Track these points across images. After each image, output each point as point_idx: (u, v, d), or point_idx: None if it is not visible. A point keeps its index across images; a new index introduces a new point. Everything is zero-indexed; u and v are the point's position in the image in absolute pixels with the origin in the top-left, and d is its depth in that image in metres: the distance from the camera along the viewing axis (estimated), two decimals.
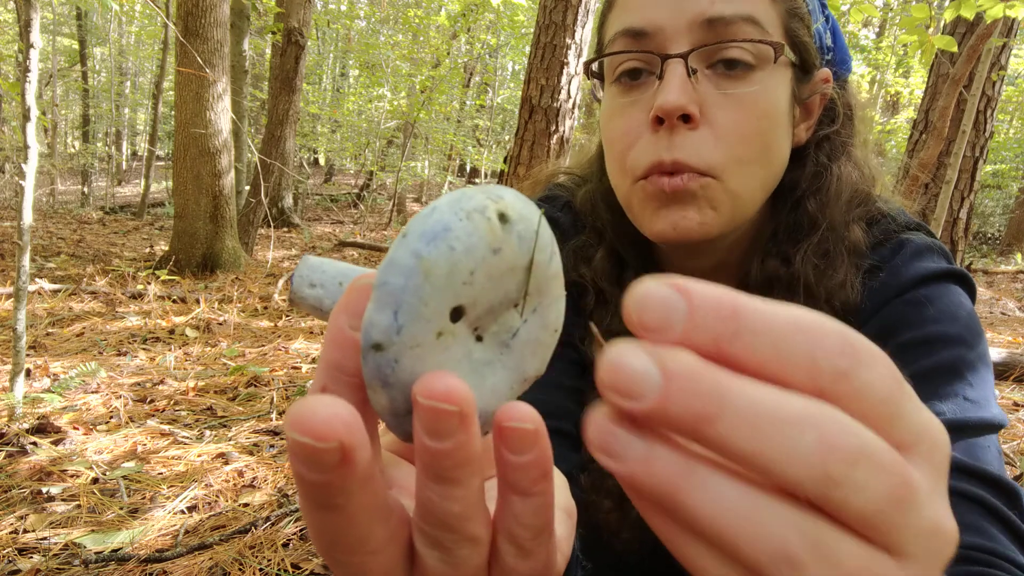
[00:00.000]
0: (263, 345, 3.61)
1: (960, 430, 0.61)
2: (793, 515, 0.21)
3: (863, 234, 0.72)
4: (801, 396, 0.21)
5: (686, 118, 0.63)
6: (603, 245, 0.78)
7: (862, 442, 0.20)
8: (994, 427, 0.63)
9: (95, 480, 1.97)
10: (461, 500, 0.25)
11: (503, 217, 0.25)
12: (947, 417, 0.62)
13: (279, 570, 1.56)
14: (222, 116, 5.48)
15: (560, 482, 0.35)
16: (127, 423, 2.40)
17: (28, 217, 2.29)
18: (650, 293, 0.21)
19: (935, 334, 0.65)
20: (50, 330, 3.68)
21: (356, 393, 0.25)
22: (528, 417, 0.25)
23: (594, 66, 0.73)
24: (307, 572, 1.57)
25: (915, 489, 0.21)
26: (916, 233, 0.73)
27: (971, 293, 0.70)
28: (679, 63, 0.63)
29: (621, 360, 0.20)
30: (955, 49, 2.58)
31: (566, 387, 0.76)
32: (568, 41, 4.56)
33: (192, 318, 4.04)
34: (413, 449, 0.32)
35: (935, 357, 0.64)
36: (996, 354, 3.20)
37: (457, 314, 0.24)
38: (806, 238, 0.71)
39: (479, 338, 0.26)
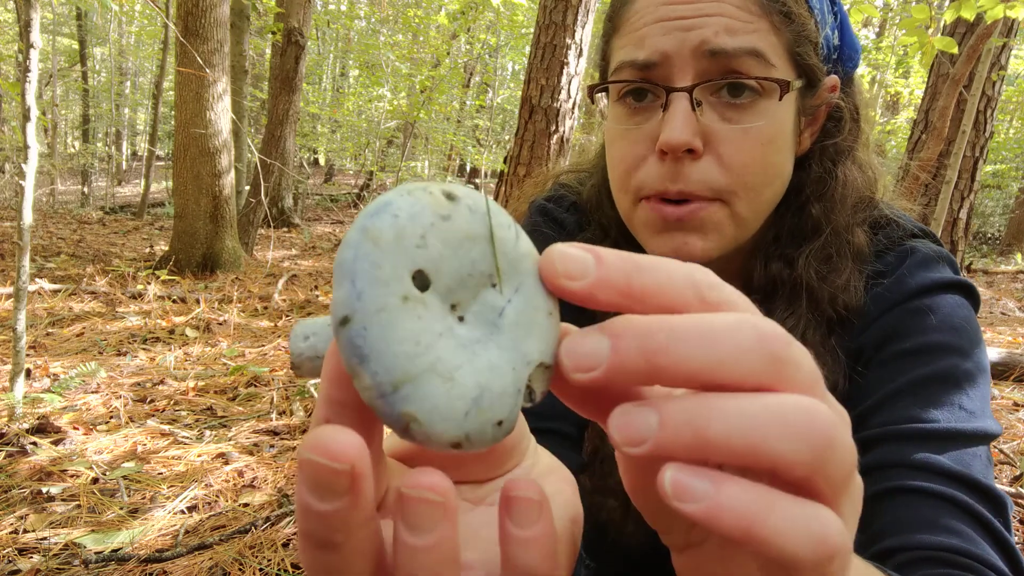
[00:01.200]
0: (263, 345, 3.61)
1: (953, 439, 0.62)
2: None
3: (867, 238, 0.72)
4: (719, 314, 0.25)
5: (690, 151, 0.63)
6: (608, 241, 0.78)
7: (790, 353, 0.24)
8: (987, 438, 0.64)
9: (95, 480, 1.97)
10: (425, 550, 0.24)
11: (448, 195, 0.25)
12: (940, 426, 0.62)
13: (279, 570, 1.56)
14: (222, 116, 5.48)
15: (570, 489, 0.35)
16: (127, 423, 2.40)
17: (28, 217, 2.29)
18: (569, 250, 0.25)
19: (935, 343, 0.65)
20: (50, 330, 3.68)
21: (361, 425, 0.25)
22: (532, 488, 0.26)
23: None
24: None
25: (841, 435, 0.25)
26: (922, 241, 0.73)
27: (975, 304, 0.70)
28: (683, 97, 0.63)
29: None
30: (955, 50, 2.58)
31: None
32: (568, 41, 4.56)
33: (192, 318, 4.04)
34: (416, 452, 0.32)
35: (933, 366, 0.65)
36: (996, 354, 3.20)
37: (421, 280, 0.24)
38: (809, 242, 0.71)
39: (461, 318, 0.26)
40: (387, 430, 0.26)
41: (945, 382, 0.64)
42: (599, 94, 0.73)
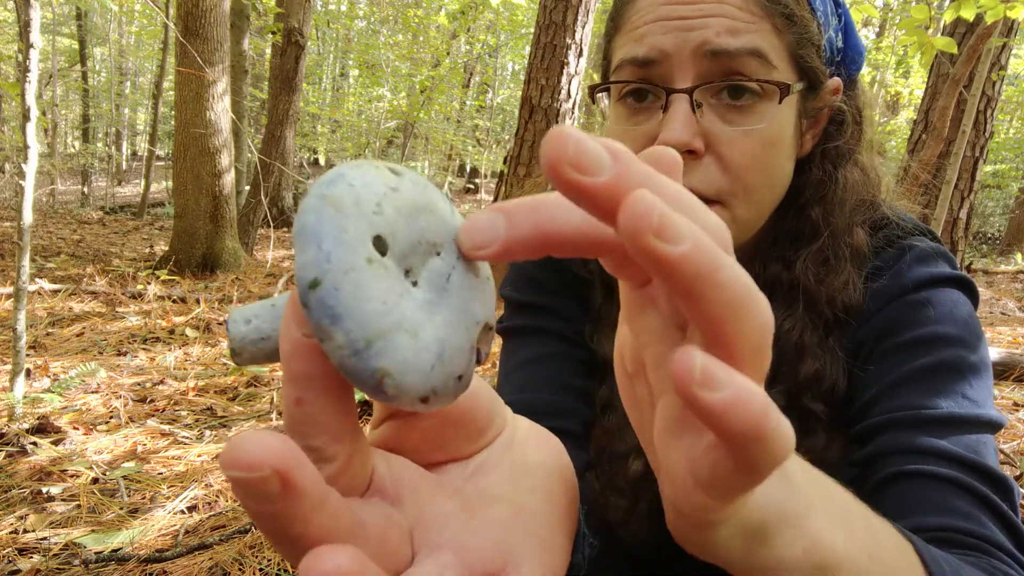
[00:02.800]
0: None
1: (957, 424, 0.62)
2: None
3: (867, 238, 0.72)
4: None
5: (691, 152, 0.63)
6: None
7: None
8: (992, 425, 0.63)
9: (95, 480, 1.97)
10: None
11: (392, 170, 0.27)
12: (944, 411, 0.62)
13: (279, 570, 1.56)
14: (222, 116, 5.48)
15: (555, 450, 0.35)
16: (127, 423, 2.40)
17: (28, 217, 2.29)
18: (476, 223, 0.26)
19: (936, 334, 0.66)
20: (50, 330, 3.68)
21: (332, 395, 0.25)
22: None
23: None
24: None
25: None
26: (922, 238, 0.73)
27: (974, 299, 0.70)
28: (683, 98, 0.63)
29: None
30: (955, 51, 2.59)
31: (574, 387, 0.76)
32: (568, 41, 4.56)
33: (192, 318, 4.04)
34: (400, 439, 0.31)
35: (935, 356, 0.65)
36: (996, 354, 3.20)
37: (380, 245, 0.25)
38: (807, 244, 0.71)
39: (415, 283, 0.27)
40: None
41: (947, 371, 0.64)
42: (600, 94, 0.73)
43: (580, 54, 4.62)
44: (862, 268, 0.71)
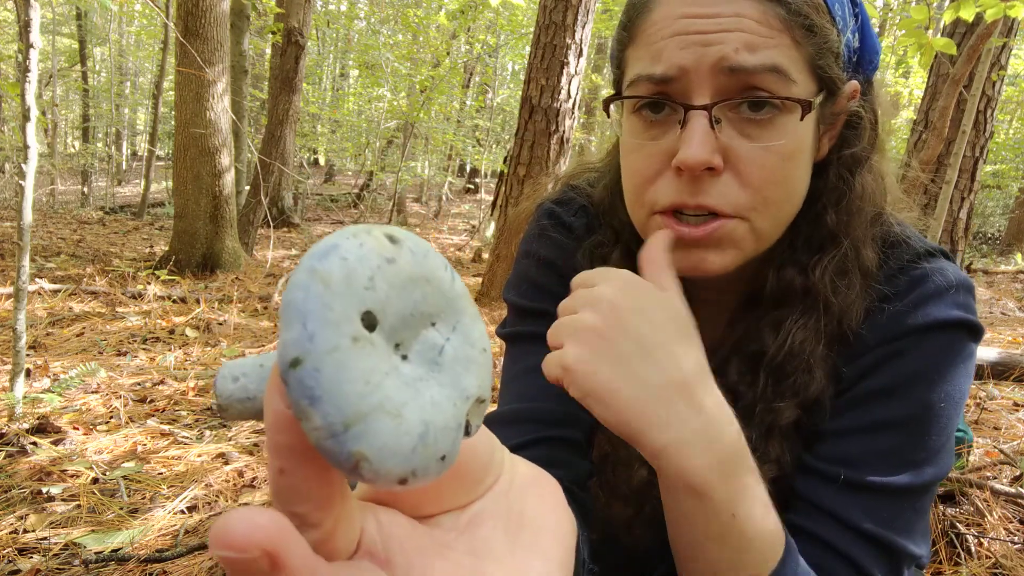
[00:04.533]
0: (263, 345, 3.61)
1: (885, 494, 0.63)
2: None
3: (876, 255, 0.70)
4: None
5: (710, 168, 0.62)
6: (619, 245, 0.77)
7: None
8: (927, 487, 0.64)
9: (95, 480, 1.97)
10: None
11: (391, 238, 0.26)
12: (876, 481, 0.63)
13: None
14: (222, 116, 5.48)
15: (555, 498, 0.34)
16: (127, 423, 2.40)
17: (28, 217, 2.29)
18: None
19: (906, 387, 0.64)
20: (50, 330, 3.68)
21: (315, 465, 0.24)
22: None
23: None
24: None
25: None
26: (936, 261, 0.70)
27: (977, 341, 0.68)
28: (702, 115, 0.61)
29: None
30: (954, 52, 2.58)
31: None
32: (568, 41, 4.56)
33: (192, 318, 4.04)
34: (392, 492, 0.30)
35: (899, 411, 0.64)
36: (995, 354, 3.20)
37: (369, 320, 0.24)
38: (825, 252, 0.69)
39: (404, 357, 0.26)
40: None
41: (904, 431, 0.64)
42: (614, 104, 0.71)
43: (580, 54, 4.61)
44: (868, 288, 0.69)
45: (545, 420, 0.73)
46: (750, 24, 0.60)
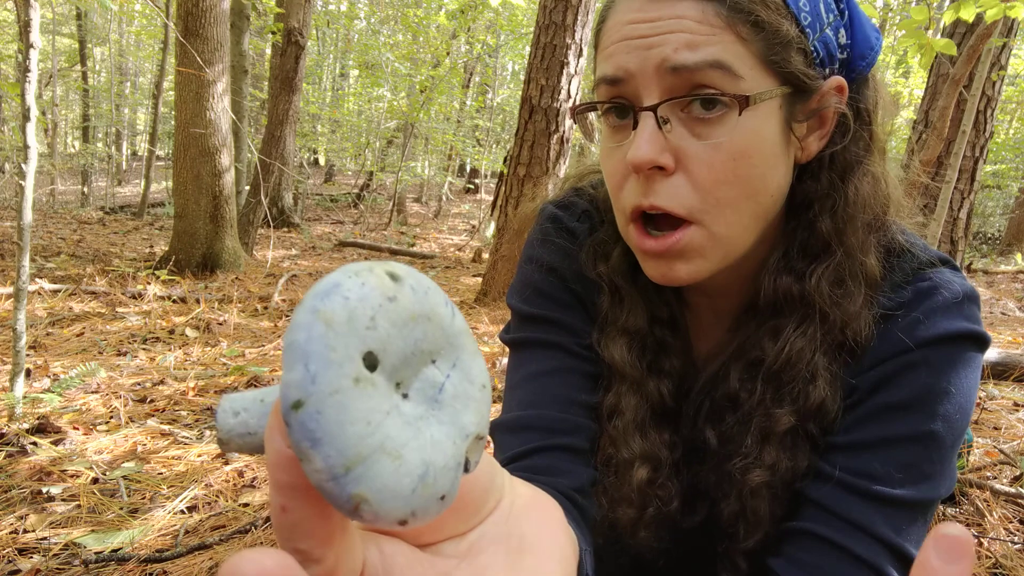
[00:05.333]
0: (263, 345, 3.61)
1: (901, 505, 0.63)
2: None
3: (880, 265, 0.69)
4: None
5: (660, 168, 0.62)
6: (620, 242, 0.77)
7: None
8: (935, 502, 0.65)
9: (95, 480, 1.97)
10: None
11: (392, 275, 0.26)
12: (894, 493, 0.63)
13: None
14: (222, 116, 5.48)
15: (555, 520, 0.35)
16: (127, 423, 2.40)
17: (28, 217, 2.29)
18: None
19: (921, 402, 0.65)
20: (50, 330, 3.68)
21: (317, 503, 0.24)
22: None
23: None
24: None
25: None
26: (942, 272, 0.69)
27: (984, 351, 0.68)
28: (649, 115, 0.62)
29: None
30: (954, 52, 2.58)
31: (580, 403, 0.75)
32: (568, 41, 4.56)
33: (192, 318, 4.04)
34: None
35: (912, 427, 0.64)
36: (995, 354, 3.20)
37: (371, 360, 0.25)
38: (820, 260, 0.68)
39: (405, 396, 0.26)
40: None
41: (918, 446, 0.64)
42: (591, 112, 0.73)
43: (580, 54, 4.62)
44: (873, 300, 0.68)
45: (548, 428, 0.72)
46: (689, 24, 0.61)
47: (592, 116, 0.73)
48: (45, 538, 1.66)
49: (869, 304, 0.68)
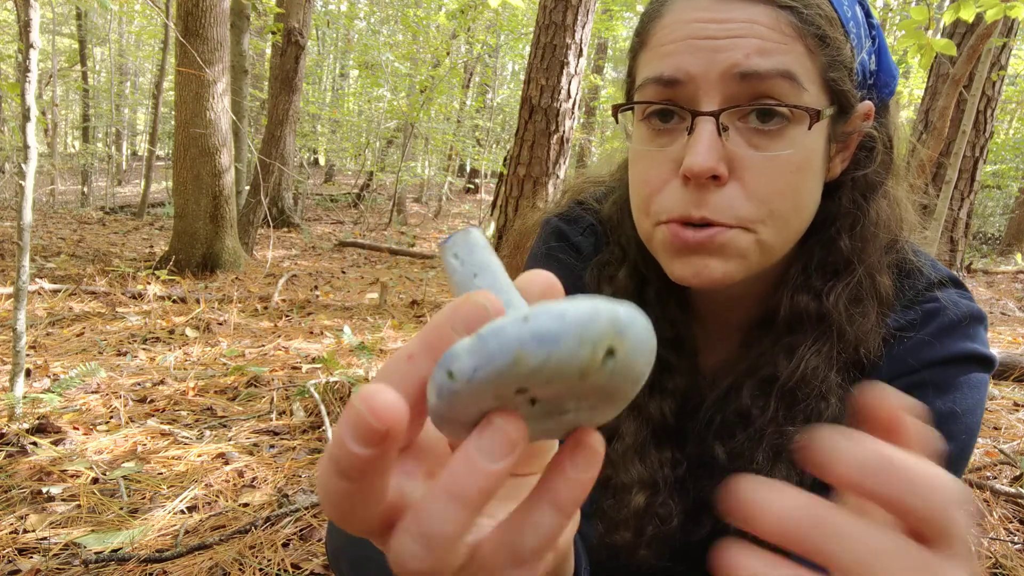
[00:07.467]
0: (263, 345, 3.61)
1: None
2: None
3: (892, 284, 0.70)
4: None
5: (715, 177, 0.61)
6: (627, 263, 0.76)
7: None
8: None
9: (95, 480, 1.97)
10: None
11: (610, 351, 0.26)
12: None
13: (279, 570, 1.56)
14: (222, 116, 5.48)
15: None
16: (127, 423, 2.40)
17: (28, 217, 2.29)
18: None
19: (943, 426, 0.64)
20: (50, 330, 3.68)
21: (431, 368, 0.28)
22: (598, 439, 0.31)
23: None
24: (307, 572, 1.57)
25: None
26: (949, 292, 0.69)
27: (989, 372, 0.69)
28: (709, 121, 0.60)
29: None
30: (954, 52, 2.58)
31: None
32: (568, 41, 4.56)
33: (192, 318, 4.04)
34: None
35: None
36: (995, 354, 3.20)
37: (521, 393, 0.27)
38: (839, 278, 0.68)
39: (533, 401, 0.28)
40: None
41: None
42: (624, 113, 0.70)
43: (580, 54, 4.61)
44: (884, 318, 0.69)
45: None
46: (762, 30, 0.59)
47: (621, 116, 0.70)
48: (45, 538, 1.66)
49: (880, 322, 0.68)
